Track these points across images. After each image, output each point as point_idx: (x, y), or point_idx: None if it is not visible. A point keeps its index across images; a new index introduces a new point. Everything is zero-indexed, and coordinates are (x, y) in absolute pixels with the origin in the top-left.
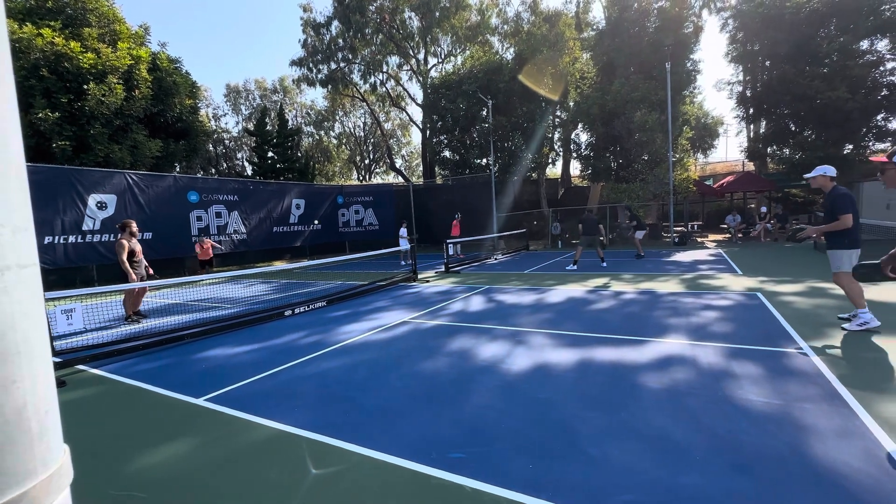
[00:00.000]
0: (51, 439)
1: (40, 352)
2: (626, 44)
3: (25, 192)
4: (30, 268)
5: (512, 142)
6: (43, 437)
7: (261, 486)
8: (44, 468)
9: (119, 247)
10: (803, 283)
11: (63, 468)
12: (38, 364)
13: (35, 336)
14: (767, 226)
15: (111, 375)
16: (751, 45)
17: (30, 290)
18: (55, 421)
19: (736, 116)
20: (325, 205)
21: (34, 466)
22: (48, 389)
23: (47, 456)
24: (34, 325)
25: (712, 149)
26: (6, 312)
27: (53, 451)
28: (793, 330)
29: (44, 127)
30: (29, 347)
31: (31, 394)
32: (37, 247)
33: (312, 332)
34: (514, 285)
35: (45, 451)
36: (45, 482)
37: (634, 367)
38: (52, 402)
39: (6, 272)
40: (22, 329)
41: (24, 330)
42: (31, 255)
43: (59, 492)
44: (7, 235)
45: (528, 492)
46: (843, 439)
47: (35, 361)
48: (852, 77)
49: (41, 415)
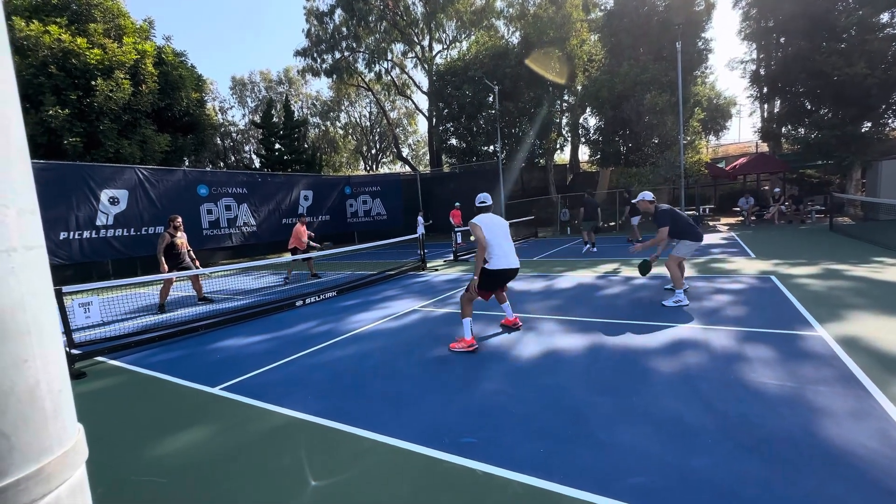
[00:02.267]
0: (65, 418)
1: (50, 331)
2: (634, 24)
3: (29, 175)
4: (36, 249)
5: (519, 128)
6: (57, 415)
7: (275, 472)
8: (59, 446)
9: (160, 239)
10: (818, 265)
11: (78, 446)
12: (48, 343)
13: (44, 316)
14: (782, 208)
15: (129, 366)
16: (765, 22)
17: (37, 272)
18: (68, 400)
19: (749, 96)
20: (332, 195)
21: (49, 444)
22: (60, 369)
23: (62, 434)
24: (43, 305)
25: (725, 130)
26: (14, 293)
27: (68, 430)
28: (807, 312)
29: (55, 124)
30: (39, 327)
31: (44, 372)
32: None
33: (323, 321)
34: (523, 272)
35: (60, 429)
36: (60, 459)
37: (645, 351)
38: (64, 382)
39: (13, 254)
40: (31, 309)
41: (34, 310)
42: (37, 237)
43: (74, 468)
44: (12, 217)
45: (539, 475)
46: (859, 420)
47: (45, 341)
48: (871, 52)
49: (54, 393)
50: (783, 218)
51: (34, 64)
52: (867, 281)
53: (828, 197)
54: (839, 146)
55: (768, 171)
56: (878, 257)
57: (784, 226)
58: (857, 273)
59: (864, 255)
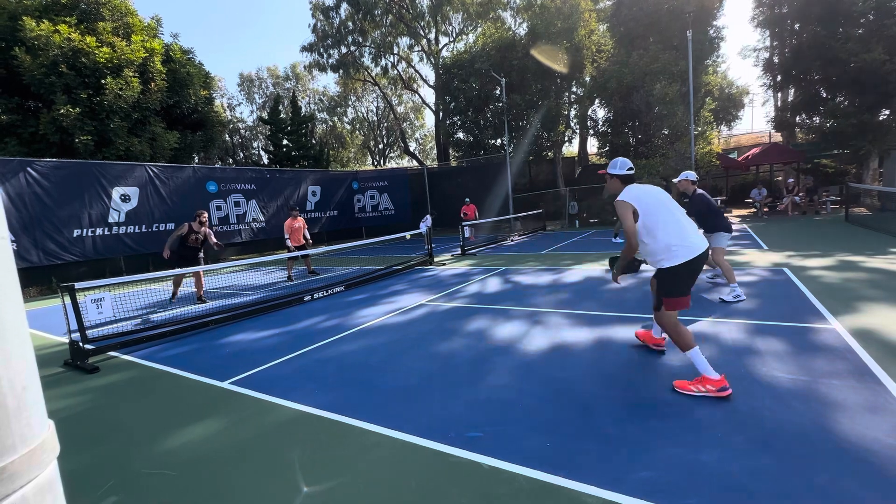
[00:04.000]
0: (31, 415)
1: (13, 326)
2: (644, 12)
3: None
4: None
5: (527, 120)
6: (21, 412)
7: (283, 466)
8: (23, 444)
9: (179, 227)
10: (832, 256)
11: (46, 443)
12: (11, 338)
13: (7, 309)
14: (795, 199)
15: (141, 361)
16: (779, 8)
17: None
18: (35, 397)
19: (762, 85)
20: (340, 191)
21: (12, 442)
22: (26, 365)
23: (26, 431)
24: (5, 297)
25: (737, 120)
26: None
27: (34, 427)
28: (821, 305)
29: (66, 122)
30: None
31: (5, 369)
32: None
33: (331, 316)
34: (531, 266)
35: (25, 426)
36: (24, 457)
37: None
38: (31, 378)
39: None
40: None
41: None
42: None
43: (42, 466)
44: None
45: (546, 469)
46: (874, 414)
47: (8, 336)
48: (890, 37)
49: (17, 391)
50: (797, 209)
51: (45, 63)
52: (883, 272)
53: (843, 187)
54: (856, 135)
55: (782, 162)
56: (894, 248)
57: (798, 217)
58: (872, 265)
59: (881, 247)
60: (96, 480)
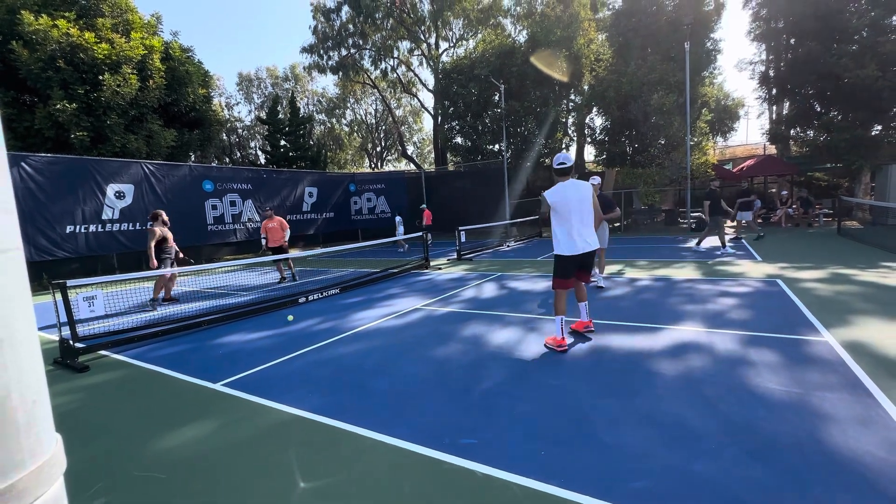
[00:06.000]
0: (40, 430)
1: (25, 339)
2: (643, 24)
3: (5, 174)
4: (11, 252)
5: (525, 127)
6: (30, 427)
7: (275, 469)
8: (32, 460)
9: (150, 234)
10: (825, 269)
11: (54, 458)
12: (23, 351)
13: (18, 322)
14: (789, 210)
15: (132, 360)
16: (775, 23)
17: (12, 275)
18: (45, 411)
19: (758, 98)
20: (337, 193)
21: (21, 458)
22: (36, 379)
23: (36, 447)
24: (17, 310)
25: (732, 132)
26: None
27: (43, 443)
28: (814, 317)
29: (62, 118)
30: (11, 333)
31: (16, 382)
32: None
33: (326, 318)
34: (527, 272)
35: (34, 442)
36: (33, 473)
37: (649, 354)
38: (40, 392)
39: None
40: (3, 315)
41: (6, 316)
42: (12, 238)
43: (50, 483)
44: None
45: (540, 478)
46: (865, 428)
47: (19, 349)
48: (883, 54)
49: (28, 405)
50: (790, 221)
51: (42, 58)
52: (875, 286)
53: (836, 200)
54: (848, 149)
55: (776, 174)
56: (886, 262)
57: (791, 229)
58: (864, 278)
59: (873, 260)
60: (85, 482)
